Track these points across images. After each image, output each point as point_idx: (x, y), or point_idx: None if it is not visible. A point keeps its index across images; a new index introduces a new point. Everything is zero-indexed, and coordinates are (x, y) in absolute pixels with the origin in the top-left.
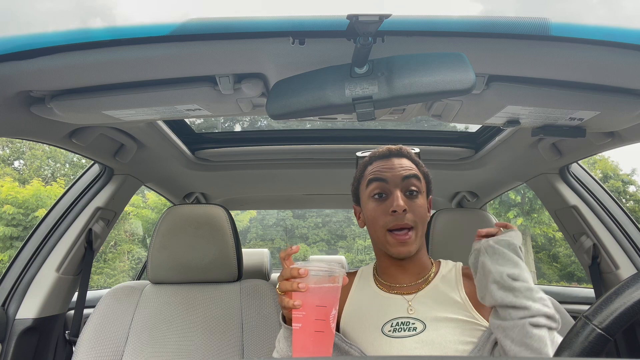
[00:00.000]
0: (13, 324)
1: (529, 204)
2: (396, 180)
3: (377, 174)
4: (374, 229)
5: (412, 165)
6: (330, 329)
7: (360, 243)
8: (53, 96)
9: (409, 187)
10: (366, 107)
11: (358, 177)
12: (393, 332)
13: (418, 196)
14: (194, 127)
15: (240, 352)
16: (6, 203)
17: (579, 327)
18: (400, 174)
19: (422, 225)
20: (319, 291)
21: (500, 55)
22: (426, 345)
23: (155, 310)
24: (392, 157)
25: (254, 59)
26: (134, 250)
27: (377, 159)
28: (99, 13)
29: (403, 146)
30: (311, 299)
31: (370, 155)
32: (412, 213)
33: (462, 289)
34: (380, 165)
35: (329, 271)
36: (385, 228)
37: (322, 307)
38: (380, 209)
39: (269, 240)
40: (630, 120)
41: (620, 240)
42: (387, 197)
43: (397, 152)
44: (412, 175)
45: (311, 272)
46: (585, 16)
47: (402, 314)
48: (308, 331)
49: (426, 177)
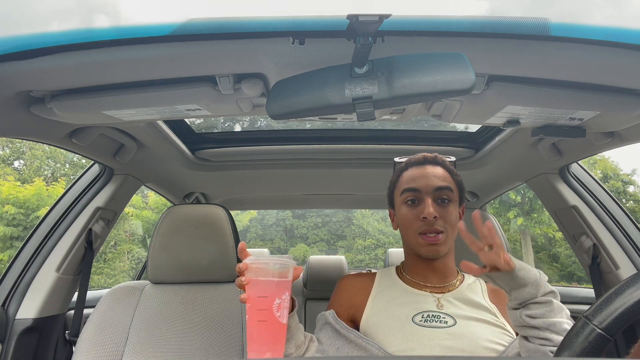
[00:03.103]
0: (13, 324)
1: (529, 204)
2: (428, 190)
3: (411, 184)
4: (406, 232)
5: (445, 174)
6: (274, 317)
7: (360, 243)
8: (53, 96)
9: (441, 196)
10: (366, 107)
11: (394, 181)
12: (424, 322)
13: (449, 204)
14: (194, 127)
15: (241, 351)
16: (7, 203)
17: (579, 327)
18: (433, 184)
19: (452, 230)
20: (261, 283)
21: (500, 55)
22: (457, 337)
23: (155, 310)
24: (426, 165)
25: (254, 59)
26: (134, 250)
27: (413, 165)
28: (99, 13)
29: (438, 155)
30: (254, 290)
31: (407, 162)
32: (443, 219)
33: (488, 297)
34: (415, 172)
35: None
36: (417, 232)
37: (263, 297)
38: (412, 214)
39: (268, 240)
40: (630, 120)
41: (620, 240)
42: (420, 204)
43: (432, 160)
44: (444, 187)
45: (251, 265)
46: (585, 16)
47: (432, 307)
48: (252, 321)
49: (459, 186)
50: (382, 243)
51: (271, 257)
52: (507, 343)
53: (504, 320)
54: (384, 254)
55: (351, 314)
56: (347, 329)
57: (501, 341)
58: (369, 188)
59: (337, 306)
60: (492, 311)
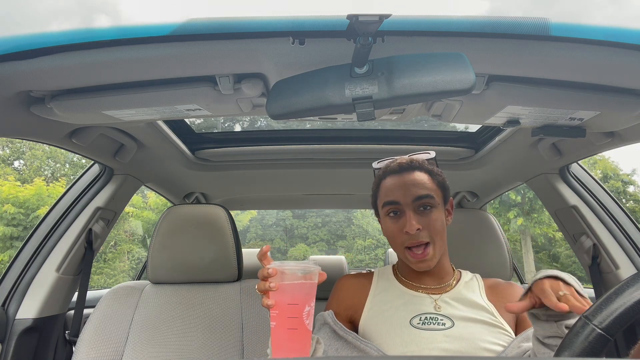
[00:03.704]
0: (13, 324)
1: (529, 204)
2: (407, 201)
3: (389, 195)
4: (393, 244)
5: (424, 178)
6: (305, 326)
7: (360, 243)
8: (53, 96)
9: (422, 204)
10: (366, 107)
11: (375, 191)
12: (422, 325)
13: (432, 210)
14: (194, 127)
15: (241, 352)
16: (7, 203)
17: (579, 327)
18: (411, 193)
19: (439, 238)
20: (290, 289)
21: (500, 55)
22: (455, 339)
23: (155, 310)
24: (403, 172)
25: (254, 59)
26: (134, 250)
27: (389, 173)
28: (99, 13)
29: (413, 158)
30: (282, 297)
31: (383, 169)
32: (427, 229)
33: (485, 295)
34: (392, 182)
35: (302, 269)
36: (402, 246)
37: (293, 305)
38: (395, 228)
39: (268, 240)
40: (630, 120)
41: (620, 240)
42: (401, 216)
43: (408, 165)
44: (424, 196)
45: (284, 270)
46: (585, 16)
47: (430, 310)
48: (282, 329)
49: (441, 186)
50: (382, 243)
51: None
52: (505, 343)
53: (501, 320)
54: (384, 254)
55: (349, 315)
56: (346, 331)
57: (500, 341)
58: (369, 188)
59: (335, 307)
60: (489, 310)
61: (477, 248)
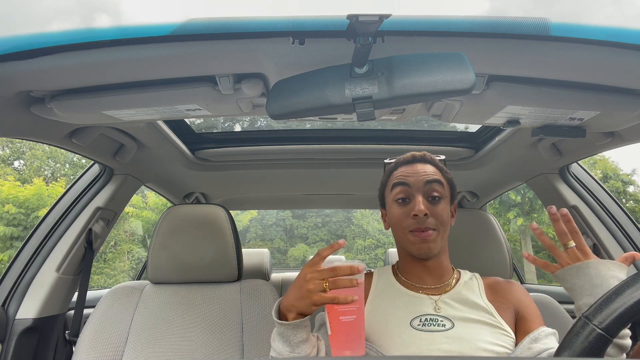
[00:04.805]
0: (13, 324)
1: (529, 204)
2: (418, 185)
3: (400, 178)
4: (397, 231)
5: (435, 170)
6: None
7: (360, 243)
8: (53, 96)
9: (431, 192)
10: (366, 107)
11: (384, 181)
12: (422, 327)
13: (440, 201)
14: (194, 127)
15: (240, 352)
16: (7, 203)
17: (579, 327)
18: (422, 178)
19: (443, 229)
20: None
21: (500, 55)
22: (456, 341)
23: (155, 310)
24: (416, 163)
25: (254, 59)
26: (134, 250)
27: (402, 164)
28: (99, 13)
29: (427, 152)
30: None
31: (396, 161)
32: (434, 217)
33: (485, 295)
34: (404, 170)
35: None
36: (407, 230)
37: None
38: (403, 212)
39: (268, 240)
40: (630, 120)
41: (620, 240)
42: (410, 201)
43: (421, 158)
44: (434, 180)
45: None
46: (585, 16)
47: (429, 311)
48: (361, 323)
49: (450, 183)
50: (382, 243)
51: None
52: (505, 343)
53: (501, 320)
54: (383, 254)
55: None
56: None
57: (499, 342)
58: (369, 188)
59: None
60: (489, 311)
61: (477, 248)
